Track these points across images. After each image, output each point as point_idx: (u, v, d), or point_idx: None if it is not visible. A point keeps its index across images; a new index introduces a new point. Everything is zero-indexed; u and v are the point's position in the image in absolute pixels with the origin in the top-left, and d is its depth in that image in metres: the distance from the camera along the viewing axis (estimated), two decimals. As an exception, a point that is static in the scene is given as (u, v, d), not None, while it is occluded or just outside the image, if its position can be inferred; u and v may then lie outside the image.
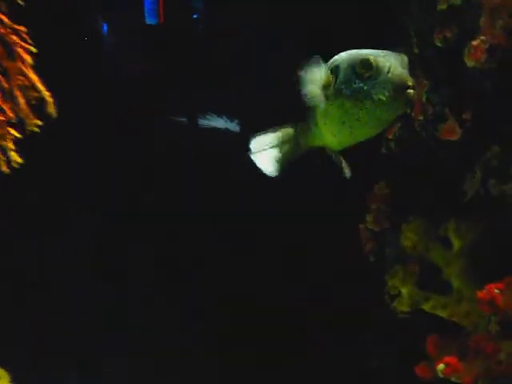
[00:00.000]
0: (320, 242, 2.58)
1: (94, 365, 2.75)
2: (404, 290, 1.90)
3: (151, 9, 3.01)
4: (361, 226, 2.23)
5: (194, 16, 3.03)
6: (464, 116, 1.84)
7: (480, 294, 1.60)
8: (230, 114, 3.24)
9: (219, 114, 3.25)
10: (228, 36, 3.01)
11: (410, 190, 2.04)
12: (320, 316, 2.72)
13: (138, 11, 2.98)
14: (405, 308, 1.92)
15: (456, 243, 1.85)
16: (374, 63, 1.33)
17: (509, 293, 1.60)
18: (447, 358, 1.66)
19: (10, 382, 1.96)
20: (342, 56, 1.41)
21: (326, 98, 1.41)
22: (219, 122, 3.27)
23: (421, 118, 1.94)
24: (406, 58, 1.39)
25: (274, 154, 1.53)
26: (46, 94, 1.51)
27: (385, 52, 1.37)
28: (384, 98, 1.32)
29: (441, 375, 1.67)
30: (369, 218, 2.18)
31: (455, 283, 1.87)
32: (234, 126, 3.25)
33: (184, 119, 3.27)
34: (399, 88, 1.31)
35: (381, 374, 2.44)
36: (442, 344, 1.88)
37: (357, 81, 1.36)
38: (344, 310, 2.56)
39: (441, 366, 1.66)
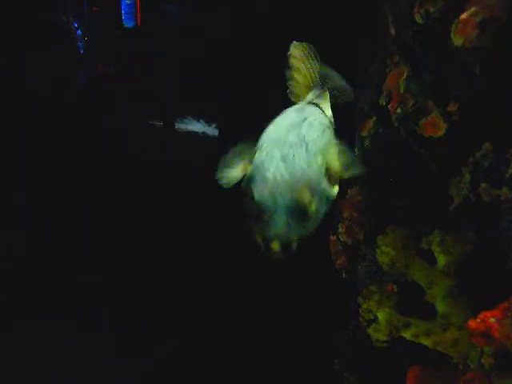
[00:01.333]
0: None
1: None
2: (380, 315, 1.60)
3: (128, 12, 3.08)
4: (331, 237, 1.95)
5: (170, 19, 3.06)
6: (450, 108, 1.56)
7: (472, 324, 1.31)
8: (208, 118, 3.29)
9: (197, 118, 3.31)
10: (202, 39, 3.00)
11: (387, 196, 1.75)
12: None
13: (115, 14, 3.06)
14: (381, 336, 1.62)
15: (441, 259, 1.56)
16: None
17: (506, 322, 1.31)
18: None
19: None
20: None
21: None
22: (197, 126, 3.33)
23: (399, 111, 1.66)
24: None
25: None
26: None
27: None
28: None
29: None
30: (340, 228, 1.89)
31: (440, 307, 1.58)
32: (211, 130, 3.31)
33: (160, 123, 3.34)
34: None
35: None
36: (425, 378, 1.62)
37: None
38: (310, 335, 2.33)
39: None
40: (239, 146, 1.40)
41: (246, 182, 1.31)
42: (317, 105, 1.54)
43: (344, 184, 1.94)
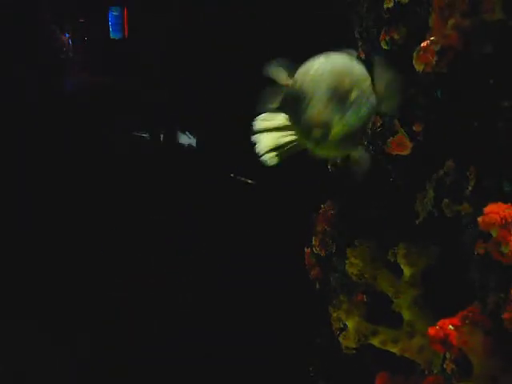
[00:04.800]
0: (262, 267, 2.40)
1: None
2: (350, 324, 1.69)
3: (115, 23, 3.08)
4: (306, 250, 2.03)
5: (159, 30, 3.06)
6: (415, 128, 1.65)
7: (431, 331, 1.39)
8: (194, 130, 3.25)
9: (183, 130, 3.27)
10: (191, 51, 2.99)
11: (356, 210, 1.84)
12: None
13: (102, 25, 3.06)
14: (351, 343, 1.70)
15: (406, 270, 1.65)
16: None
17: (464, 329, 1.40)
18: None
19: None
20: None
21: None
22: (183, 138, 3.29)
23: (368, 131, 1.74)
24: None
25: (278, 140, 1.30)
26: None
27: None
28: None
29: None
30: (314, 241, 1.97)
31: (406, 315, 1.67)
32: (197, 143, 3.28)
33: (146, 134, 3.30)
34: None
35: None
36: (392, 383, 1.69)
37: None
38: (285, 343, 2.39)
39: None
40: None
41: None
42: None
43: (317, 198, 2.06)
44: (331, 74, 1.21)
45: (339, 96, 1.19)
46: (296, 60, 1.26)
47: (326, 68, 1.23)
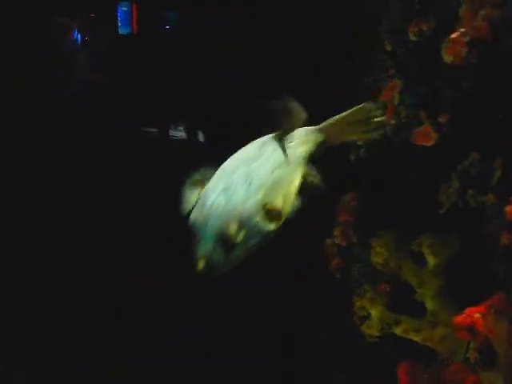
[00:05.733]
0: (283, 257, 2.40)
1: None
2: (373, 312, 1.71)
3: (124, 19, 3.04)
4: (327, 240, 2.04)
5: (167, 27, 3.04)
6: (440, 119, 1.66)
7: (458, 319, 1.41)
8: (201, 126, 3.22)
9: (190, 126, 3.24)
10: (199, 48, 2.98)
11: (380, 201, 1.85)
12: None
13: (111, 21, 3.02)
14: (374, 331, 1.72)
15: (431, 260, 1.66)
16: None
17: (490, 317, 1.41)
18: (421, 391, 1.46)
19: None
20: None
21: None
22: (188, 134, 3.27)
23: (393, 121, 1.76)
24: None
25: None
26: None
27: None
28: None
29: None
30: (336, 232, 1.99)
31: (430, 305, 1.68)
32: (204, 138, 3.25)
33: (155, 130, 3.26)
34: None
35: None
36: (415, 372, 1.71)
37: None
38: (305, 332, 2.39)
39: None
40: (201, 172, 1.49)
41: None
42: (285, 140, 1.55)
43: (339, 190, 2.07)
44: (219, 218, 1.33)
45: (225, 239, 1.32)
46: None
47: (219, 206, 1.35)
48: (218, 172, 1.45)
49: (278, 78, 2.43)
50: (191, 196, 1.45)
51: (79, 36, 3.11)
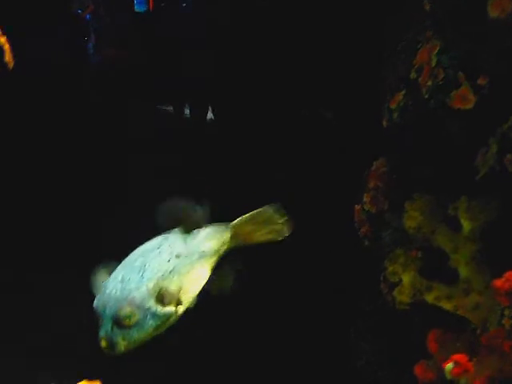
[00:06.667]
0: (309, 224, 2.37)
1: None
2: (405, 278, 1.67)
3: None
4: (356, 206, 2.01)
5: (184, 4, 3.02)
6: (479, 81, 1.61)
7: (497, 283, 1.37)
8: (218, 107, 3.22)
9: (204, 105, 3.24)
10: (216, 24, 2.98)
11: (414, 166, 1.81)
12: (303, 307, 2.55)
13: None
14: (405, 298, 1.69)
15: (466, 225, 1.62)
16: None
17: (530, 282, 1.38)
18: (456, 356, 1.43)
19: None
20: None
21: None
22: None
23: (429, 83, 1.71)
24: None
25: None
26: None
27: None
28: None
29: (448, 376, 1.43)
30: (366, 198, 1.95)
31: (463, 272, 1.64)
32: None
33: (170, 108, 3.29)
34: None
35: (368, 373, 2.22)
36: (445, 340, 1.67)
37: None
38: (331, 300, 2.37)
39: (449, 366, 1.43)
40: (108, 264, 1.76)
41: None
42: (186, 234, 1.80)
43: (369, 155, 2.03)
44: (115, 303, 1.59)
45: (120, 322, 1.58)
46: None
47: (116, 293, 1.61)
48: (120, 264, 1.71)
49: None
50: (98, 284, 1.71)
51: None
